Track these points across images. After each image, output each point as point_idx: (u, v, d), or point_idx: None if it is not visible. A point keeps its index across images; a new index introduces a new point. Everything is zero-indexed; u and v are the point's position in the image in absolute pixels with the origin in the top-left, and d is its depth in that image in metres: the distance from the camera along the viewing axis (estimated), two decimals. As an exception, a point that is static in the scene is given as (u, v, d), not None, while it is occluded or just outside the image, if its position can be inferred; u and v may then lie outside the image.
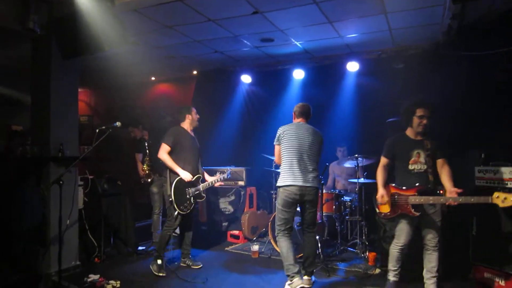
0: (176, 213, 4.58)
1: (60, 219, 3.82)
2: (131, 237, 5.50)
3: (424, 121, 3.59)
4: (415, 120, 3.63)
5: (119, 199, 5.48)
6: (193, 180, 4.70)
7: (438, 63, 5.24)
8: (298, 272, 3.88)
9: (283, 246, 4.00)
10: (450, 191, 3.37)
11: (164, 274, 4.54)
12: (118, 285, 4.20)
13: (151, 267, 4.65)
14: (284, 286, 3.99)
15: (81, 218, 4.94)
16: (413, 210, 3.49)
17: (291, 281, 3.86)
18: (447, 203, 3.33)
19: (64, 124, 4.70)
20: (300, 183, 3.97)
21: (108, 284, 4.18)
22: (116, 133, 4.40)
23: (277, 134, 4.25)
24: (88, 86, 9.17)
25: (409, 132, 3.75)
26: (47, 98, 4.56)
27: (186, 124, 4.89)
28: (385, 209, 3.69)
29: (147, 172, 5.86)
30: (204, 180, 4.86)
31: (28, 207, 4.49)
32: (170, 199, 4.58)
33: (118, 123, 4.21)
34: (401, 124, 3.84)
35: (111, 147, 8.10)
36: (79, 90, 8.81)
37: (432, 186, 3.58)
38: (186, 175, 4.62)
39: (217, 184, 4.84)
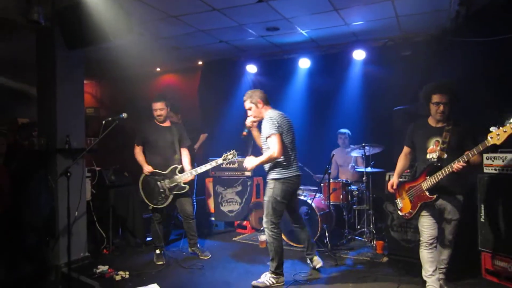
0: (150, 207, 4.75)
1: (68, 211, 3.84)
2: (139, 228, 5.52)
3: (441, 108, 3.34)
4: (432, 108, 3.41)
5: (127, 191, 5.49)
6: (165, 172, 4.69)
7: (445, 50, 5.15)
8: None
9: (280, 240, 4.02)
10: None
11: (162, 262, 4.68)
12: (127, 276, 4.23)
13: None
14: (283, 275, 4.04)
15: (89, 210, 4.97)
16: (428, 193, 3.31)
17: (279, 277, 3.95)
18: (453, 169, 3.12)
19: (70, 115, 4.71)
20: (299, 173, 4.13)
21: (117, 275, 4.21)
22: (122, 125, 4.41)
23: (277, 123, 4.00)
24: (94, 78, 9.17)
25: (430, 119, 3.53)
26: (53, 90, 4.56)
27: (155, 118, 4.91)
28: (406, 208, 3.51)
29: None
30: (183, 171, 4.78)
31: (38, 199, 4.52)
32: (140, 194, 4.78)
33: (124, 115, 4.21)
34: (411, 112, 3.77)
35: (118, 139, 8.13)
36: (85, 82, 8.85)
37: (442, 163, 3.30)
38: (145, 168, 4.72)
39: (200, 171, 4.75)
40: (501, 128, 2.90)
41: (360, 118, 6.13)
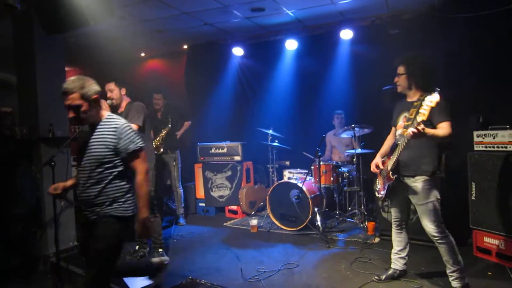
0: None
1: (55, 200, 3.75)
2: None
3: (396, 79, 3.29)
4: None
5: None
6: None
7: (434, 27, 5.08)
8: None
9: None
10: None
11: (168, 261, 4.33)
12: (117, 264, 4.18)
13: None
14: (281, 258, 3.96)
15: (77, 199, 4.86)
16: (391, 174, 3.19)
17: None
18: (408, 138, 2.84)
19: (53, 103, 4.56)
20: None
21: (106, 263, 4.16)
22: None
23: None
24: (77, 65, 8.94)
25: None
26: (32, 77, 4.43)
27: None
28: (381, 189, 3.40)
29: (158, 144, 5.66)
30: None
31: (22, 189, 4.42)
32: None
33: (108, 101, 4.12)
34: (399, 92, 3.66)
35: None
36: (68, 69, 8.70)
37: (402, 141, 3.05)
38: None
39: None
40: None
41: (349, 98, 6.06)
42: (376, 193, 3.51)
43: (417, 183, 3.12)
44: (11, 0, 4.01)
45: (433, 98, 2.70)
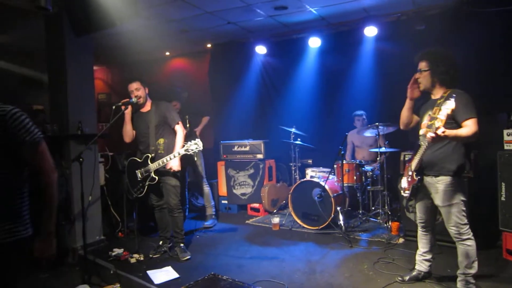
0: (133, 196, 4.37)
1: (82, 195, 3.88)
2: (153, 212, 5.53)
3: (417, 75, 3.15)
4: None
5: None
6: (141, 160, 4.29)
7: (462, 22, 4.91)
8: None
9: None
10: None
11: (189, 256, 4.34)
12: (142, 258, 4.29)
13: None
14: (303, 257, 3.97)
15: (104, 194, 5.03)
16: (414, 175, 3.14)
17: None
18: (428, 139, 2.76)
19: (82, 101, 4.74)
20: None
21: (132, 257, 4.27)
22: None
23: None
24: (105, 64, 9.19)
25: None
26: (63, 76, 4.60)
27: None
28: (406, 187, 3.31)
29: None
30: (154, 160, 4.22)
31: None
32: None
33: (134, 99, 4.19)
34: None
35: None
36: (96, 68, 8.94)
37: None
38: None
39: (169, 166, 4.17)
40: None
41: (373, 96, 5.97)
42: (401, 191, 3.42)
43: (440, 184, 3.03)
44: (44, 3, 4.17)
45: (449, 106, 2.63)
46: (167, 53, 8.15)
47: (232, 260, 4.25)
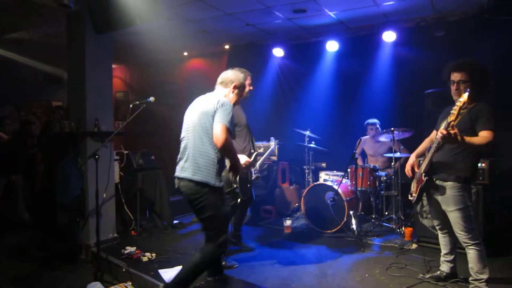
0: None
1: (97, 192, 3.93)
2: (166, 211, 5.59)
3: (455, 86, 3.09)
4: (451, 87, 3.16)
5: (154, 174, 5.56)
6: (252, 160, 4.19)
7: (482, 29, 4.88)
8: None
9: None
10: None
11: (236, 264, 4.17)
12: (154, 257, 4.30)
13: None
14: (315, 260, 3.94)
15: (118, 192, 5.07)
16: (423, 176, 3.18)
17: None
18: (439, 140, 2.86)
19: (100, 99, 4.79)
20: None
21: (144, 256, 4.29)
22: (150, 108, 4.43)
23: None
24: (123, 63, 9.33)
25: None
26: (82, 74, 4.64)
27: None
28: (414, 191, 3.36)
29: None
30: None
31: (69, 180, 4.66)
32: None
33: (151, 98, 4.19)
34: (443, 95, 3.53)
35: (147, 124, 8.27)
36: (115, 66, 9.07)
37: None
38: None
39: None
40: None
41: (390, 101, 5.93)
42: (409, 195, 3.46)
43: (447, 189, 3.07)
44: (66, 0, 4.26)
45: (461, 98, 2.68)
46: (185, 53, 8.22)
47: (243, 261, 4.25)
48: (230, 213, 3.63)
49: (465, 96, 2.66)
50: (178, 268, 3.95)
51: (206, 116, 2.94)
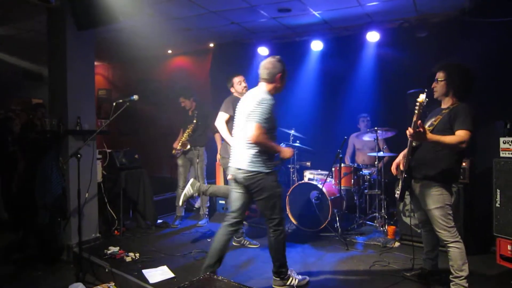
0: None
1: (79, 192, 3.86)
2: (150, 210, 5.53)
3: (434, 84, 3.25)
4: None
5: (138, 173, 5.50)
6: None
7: (463, 31, 4.98)
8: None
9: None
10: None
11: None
12: (138, 257, 4.25)
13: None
14: (299, 259, 3.97)
15: (100, 191, 4.99)
16: (405, 174, 3.24)
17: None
18: (409, 138, 2.98)
19: (81, 97, 4.70)
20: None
21: (128, 256, 4.24)
22: (134, 106, 4.38)
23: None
24: (106, 60, 9.19)
25: None
26: (63, 70, 4.54)
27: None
28: (398, 188, 3.40)
29: (185, 141, 5.62)
30: None
31: (49, 179, 4.56)
32: None
33: (135, 97, 4.13)
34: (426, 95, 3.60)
35: (130, 122, 8.16)
36: (97, 63, 8.94)
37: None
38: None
39: None
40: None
41: (374, 101, 6.01)
42: (395, 193, 3.49)
43: (426, 187, 3.12)
44: (46, -5, 4.17)
45: (419, 98, 2.73)
46: (169, 51, 8.15)
47: (228, 261, 4.20)
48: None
49: (422, 97, 2.72)
50: (162, 268, 3.93)
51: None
